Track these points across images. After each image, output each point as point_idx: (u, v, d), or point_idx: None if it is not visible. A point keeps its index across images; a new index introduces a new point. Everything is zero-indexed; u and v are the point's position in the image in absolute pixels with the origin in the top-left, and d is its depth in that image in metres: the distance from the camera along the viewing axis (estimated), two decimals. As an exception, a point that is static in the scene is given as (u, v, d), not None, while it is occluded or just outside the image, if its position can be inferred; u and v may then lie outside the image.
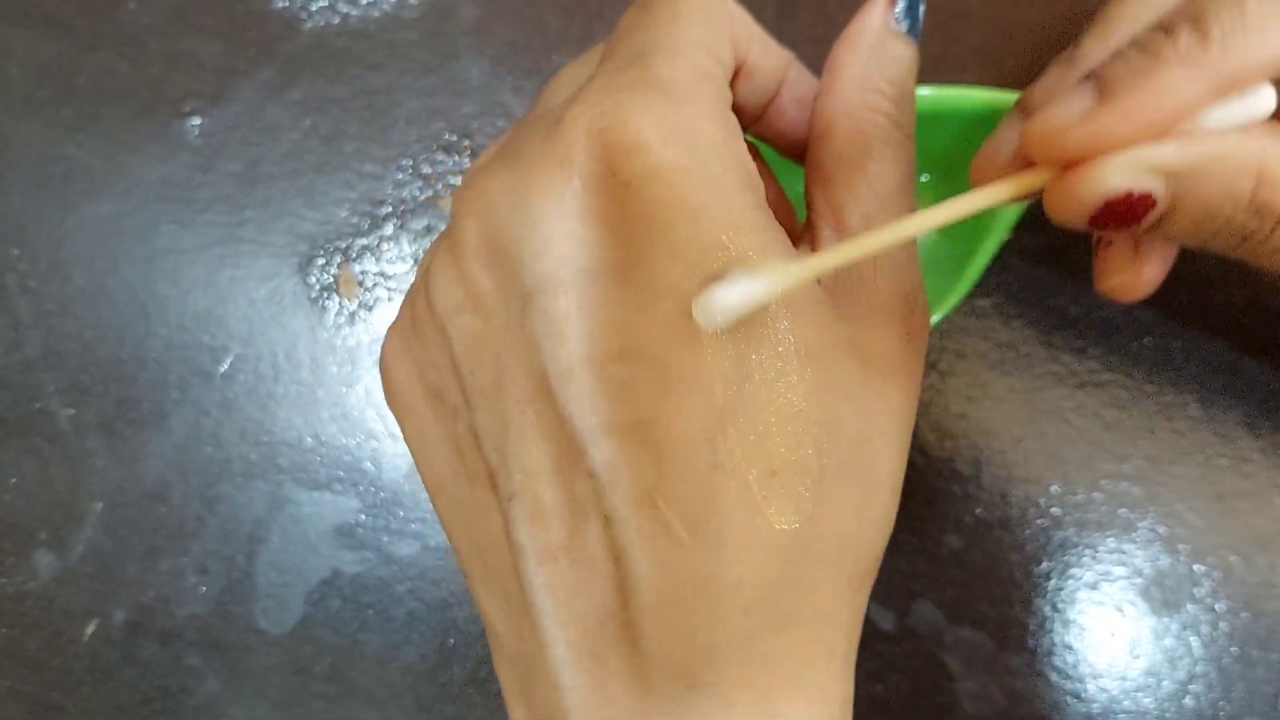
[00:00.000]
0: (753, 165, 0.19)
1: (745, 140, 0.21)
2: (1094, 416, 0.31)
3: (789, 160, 0.24)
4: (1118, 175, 0.17)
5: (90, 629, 0.33)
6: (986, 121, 0.28)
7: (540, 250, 0.18)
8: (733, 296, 0.17)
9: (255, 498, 0.33)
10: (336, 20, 0.32)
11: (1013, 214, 0.27)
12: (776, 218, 0.21)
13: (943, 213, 0.19)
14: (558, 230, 0.18)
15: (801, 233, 0.22)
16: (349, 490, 0.33)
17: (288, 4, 0.32)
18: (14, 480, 0.33)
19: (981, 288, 0.31)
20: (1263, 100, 0.17)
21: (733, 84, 0.22)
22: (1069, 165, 0.18)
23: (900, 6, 0.23)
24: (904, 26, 0.23)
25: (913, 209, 0.21)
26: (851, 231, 0.21)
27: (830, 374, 0.19)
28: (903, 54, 0.22)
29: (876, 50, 0.22)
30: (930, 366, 0.31)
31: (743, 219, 0.18)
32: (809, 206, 0.22)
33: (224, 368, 0.32)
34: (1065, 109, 0.18)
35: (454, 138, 0.32)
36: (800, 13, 0.31)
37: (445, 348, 0.20)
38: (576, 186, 0.18)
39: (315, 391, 0.32)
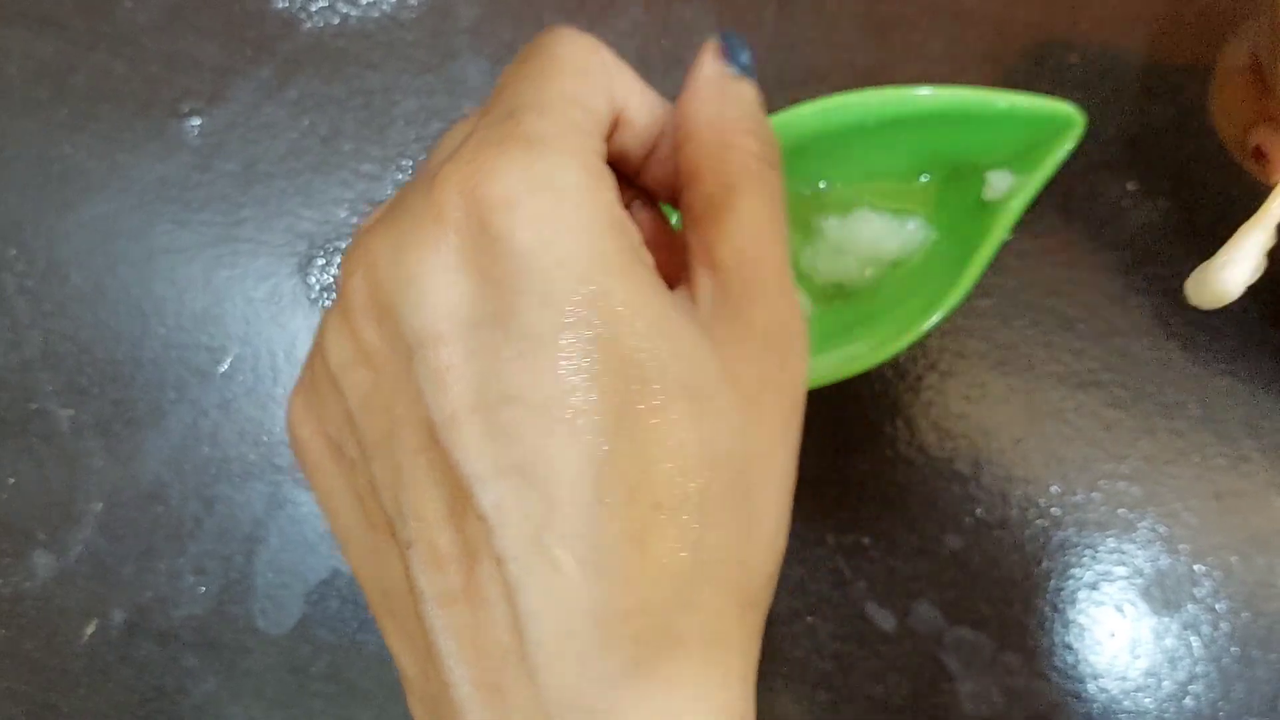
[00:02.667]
0: (622, 212, 0.21)
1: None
2: (1093, 417, 0.31)
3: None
4: None
5: (88, 629, 0.33)
6: (985, 121, 0.28)
7: (420, 304, 0.19)
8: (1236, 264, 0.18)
9: (254, 498, 0.32)
10: (336, 20, 0.32)
11: (1012, 216, 0.27)
12: (663, 257, 0.23)
13: None
14: (436, 284, 0.19)
15: (682, 275, 0.23)
16: (348, 491, 0.32)
17: (287, 4, 0.32)
18: (11, 480, 0.33)
19: (981, 288, 0.31)
20: None
21: (612, 134, 0.24)
22: None
23: (729, 54, 0.24)
24: (738, 70, 0.24)
25: (785, 236, 0.23)
26: (725, 269, 0.22)
27: (709, 406, 0.20)
28: (745, 93, 0.24)
29: (720, 94, 0.24)
30: (930, 367, 0.31)
31: (611, 263, 0.19)
32: (686, 250, 0.23)
33: (222, 368, 0.32)
34: None
35: (453, 137, 0.32)
36: (799, 13, 0.31)
37: (341, 403, 0.21)
38: (452, 241, 0.19)
39: (314, 392, 0.32)
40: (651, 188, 0.27)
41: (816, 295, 0.30)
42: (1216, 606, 0.31)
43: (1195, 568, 0.31)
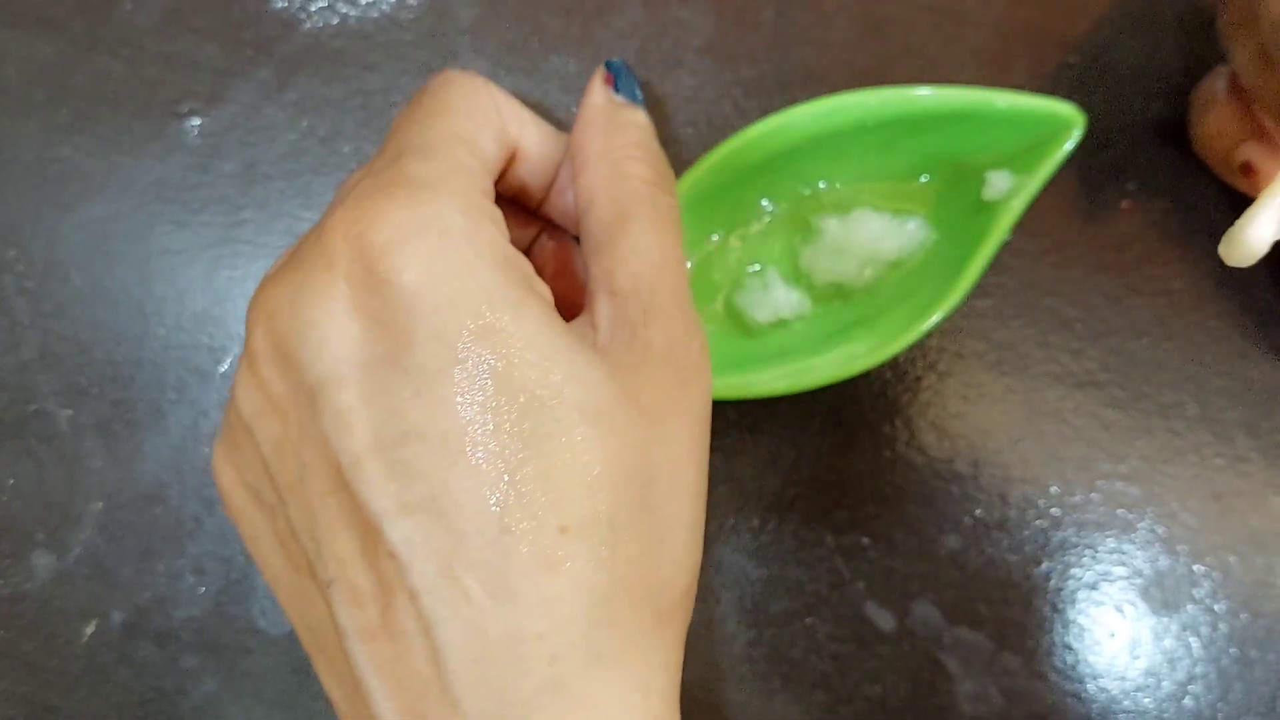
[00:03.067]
0: (508, 247, 0.21)
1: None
2: (1092, 417, 0.31)
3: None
4: None
5: (87, 630, 0.33)
6: (985, 121, 0.28)
7: (318, 349, 0.20)
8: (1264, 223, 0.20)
9: (253, 499, 0.32)
10: (335, 21, 0.32)
11: (1012, 216, 0.27)
12: (571, 285, 0.26)
13: None
14: (331, 330, 0.20)
15: (585, 301, 0.24)
16: (347, 491, 0.32)
17: (286, 4, 0.32)
18: (11, 481, 0.33)
19: (980, 289, 0.31)
20: None
21: (509, 169, 0.25)
22: None
23: (616, 84, 0.26)
24: (626, 99, 0.26)
25: (680, 258, 0.24)
26: (622, 294, 0.23)
27: (609, 427, 0.20)
28: (636, 120, 0.25)
29: (611, 123, 0.25)
30: (929, 367, 0.31)
31: (496, 296, 0.20)
32: (586, 277, 0.24)
33: (222, 368, 0.32)
34: None
35: (452, 138, 0.32)
36: (798, 14, 0.31)
37: (256, 451, 0.22)
38: (342, 288, 0.20)
39: (313, 392, 0.32)
40: (556, 218, 0.28)
41: (815, 295, 0.30)
42: (1215, 607, 0.31)
43: (1194, 568, 0.31)
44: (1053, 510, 0.31)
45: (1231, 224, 0.30)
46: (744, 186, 0.30)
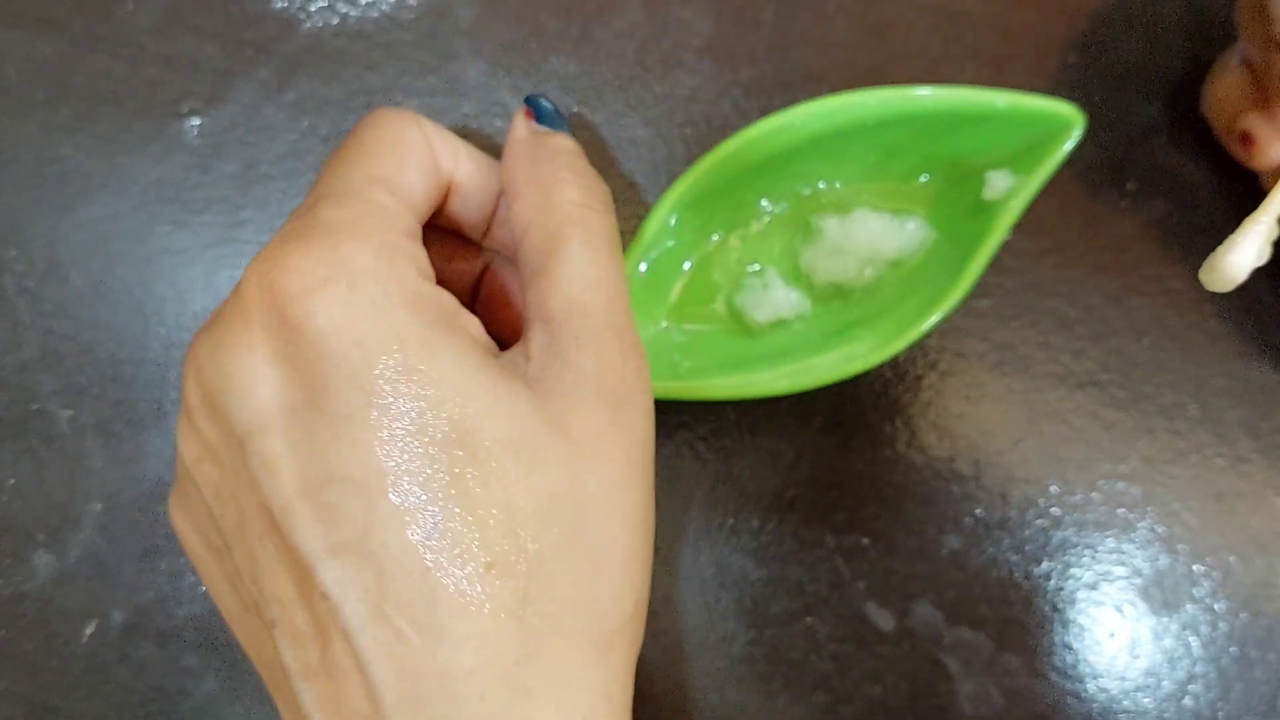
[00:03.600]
0: (425, 285, 0.22)
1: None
2: (1092, 417, 0.31)
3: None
4: None
5: (88, 630, 0.33)
6: (985, 121, 0.28)
7: (241, 399, 0.20)
8: (1243, 250, 0.21)
9: (253, 499, 0.32)
10: (335, 21, 0.32)
11: (1012, 216, 0.27)
12: (511, 316, 0.26)
13: None
14: (253, 379, 0.20)
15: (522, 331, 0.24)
16: (347, 491, 0.32)
17: (286, 4, 0.32)
18: (11, 481, 0.33)
19: (980, 289, 0.31)
20: None
21: (447, 202, 0.26)
22: None
23: (537, 115, 0.26)
24: (549, 127, 0.26)
25: (617, 277, 0.24)
26: (555, 320, 0.23)
27: (535, 459, 0.21)
28: (561, 145, 0.25)
29: (537, 151, 0.25)
30: (930, 367, 0.31)
31: (408, 336, 0.20)
32: (524, 306, 0.24)
33: (222, 369, 0.32)
34: None
35: (452, 138, 0.32)
36: (798, 14, 0.31)
37: (200, 498, 0.22)
38: (259, 337, 0.21)
39: (313, 392, 0.32)
40: (500, 250, 0.28)
41: (815, 295, 0.31)
42: (1215, 607, 0.31)
43: (1194, 568, 0.31)
44: (1053, 510, 0.31)
45: (1231, 225, 0.30)
46: (744, 186, 0.30)
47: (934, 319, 0.28)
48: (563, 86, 0.32)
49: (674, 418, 0.32)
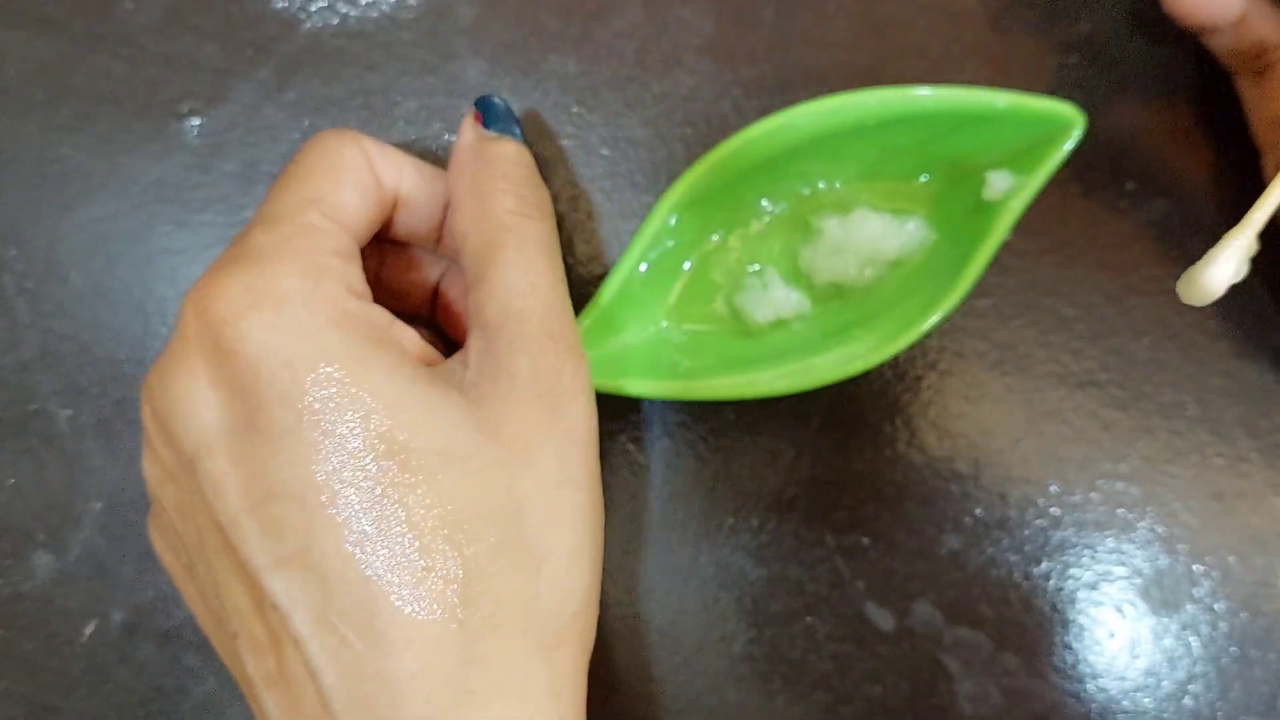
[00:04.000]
0: (350, 301, 0.22)
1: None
2: (1092, 417, 0.31)
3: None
4: None
5: (88, 630, 0.33)
6: (985, 121, 0.28)
7: (187, 421, 0.21)
8: (1221, 266, 0.21)
9: (253, 499, 0.32)
10: (335, 21, 0.32)
11: (1012, 216, 0.27)
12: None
13: None
14: (195, 402, 0.21)
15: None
16: (347, 491, 0.32)
17: (286, 4, 0.32)
18: (11, 481, 0.33)
19: (980, 289, 0.31)
20: None
21: (395, 215, 0.27)
22: None
23: (485, 120, 0.27)
24: (497, 131, 0.26)
25: (553, 281, 0.25)
26: (491, 326, 0.23)
27: (468, 467, 0.21)
28: (505, 152, 0.26)
29: (480, 159, 0.26)
30: (929, 366, 0.31)
31: (336, 353, 0.21)
32: (465, 315, 0.25)
33: (221, 368, 0.32)
34: None
35: (452, 138, 0.32)
36: (798, 14, 0.31)
37: (165, 516, 0.24)
38: (196, 361, 0.21)
39: (313, 392, 0.32)
40: (451, 258, 0.29)
41: (815, 295, 0.31)
42: (1215, 606, 0.31)
43: (1194, 568, 0.31)
44: (1053, 510, 0.31)
45: (1229, 225, 0.30)
46: (744, 186, 0.30)
47: (934, 319, 0.28)
48: (562, 86, 0.32)
49: (674, 417, 0.32)
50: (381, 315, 0.23)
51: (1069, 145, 0.27)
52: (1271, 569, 0.31)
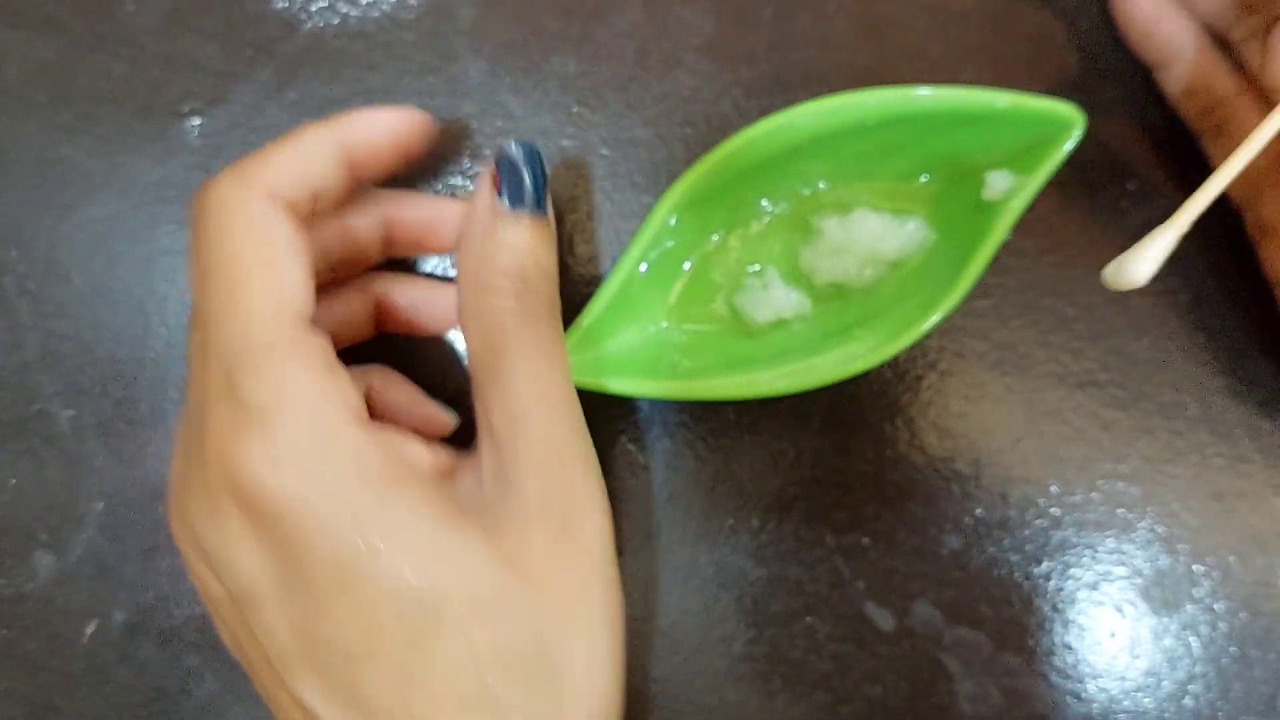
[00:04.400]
0: (361, 439, 0.22)
1: None
2: (1092, 417, 0.31)
3: None
4: None
5: (89, 630, 0.33)
6: (985, 121, 0.28)
7: (231, 566, 0.22)
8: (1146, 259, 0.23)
9: (254, 499, 0.33)
10: (335, 21, 0.32)
11: (1012, 216, 0.27)
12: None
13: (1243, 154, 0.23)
14: (235, 555, 0.22)
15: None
16: (348, 491, 0.33)
17: (286, 5, 0.32)
18: (13, 481, 0.33)
19: (980, 288, 0.31)
20: None
21: (393, 231, 0.28)
22: None
23: (504, 187, 0.25)
24: (509, 204, 0.24)
25: (561, 392, 0.24)
26: (499, 436, 0.24)
27: (496, 609, 0.22)
28: (516, 240, 0.24)
29: (486, 239, 0.24)
30: (930, 366, 0.31)
31: (363, 509, 0.22)
32: (475, 410, 0.25)
33: (222, 369, 0.32)
34: None
35: (453, 137, 0.32)
36: (797, 13, 0.31)
37: (225, 627, 0.25)
38: (235, 525, 0.22)
39: (314, 392, 0.32)
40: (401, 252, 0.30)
41: (815, 295, 0.31)
42: (1215, 606, 0.31)
43: (1194, 568, 0.31)
44: (1053, 510, 0.31)
45: (1228, 224, 0.30)
46: (744, 186, 0.30)
47: (934, 319, 0.28)
48: (562, 86, 0.32)
49: (674, 417, 0.32)
50: (390, 440, 0.23)
51: (1069, 145, 0.27)
52: (1271, 569, 0.31)
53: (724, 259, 0.31)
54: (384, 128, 0.26)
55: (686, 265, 0.31)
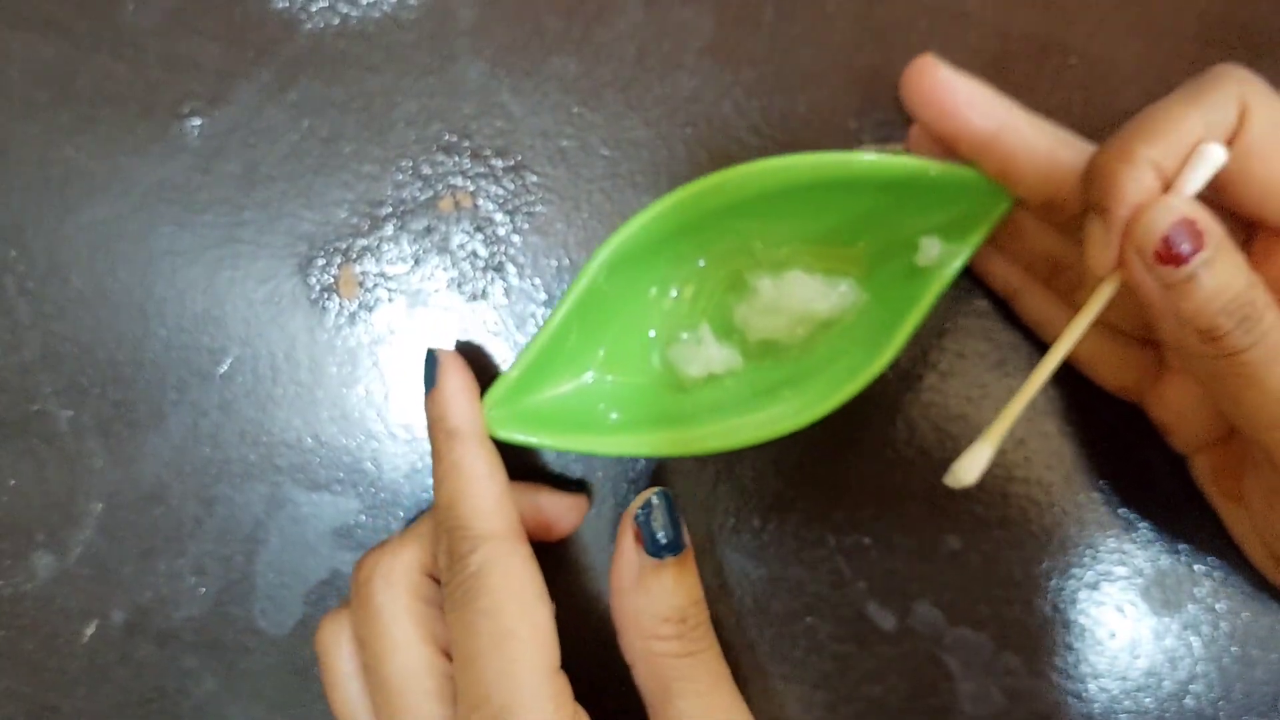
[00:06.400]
0: None
1: None
2: (1094, 417, 0.31)
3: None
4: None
5: (88, 630, 0.33)
6: (917, 187, 0.28)
7: None
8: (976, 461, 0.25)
9: (254, 498, 0.32)
10: (336, 22, 0.32)
11: (942, 284, 0.28)
12: None
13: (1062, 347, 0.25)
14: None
15: None
16: (348, 491, 0.32)
17: (287, 6, 0.32)
18: (12, 482, 0.33)
19: (980, 289, 0.31)
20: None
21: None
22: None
23: (646, 540, 0.27)
24: (655, 553, 0.26)
25: (733, 694, 0.26)
26: None
27: None
28: (666, 586, 0.26)
29: (640, 593, 0.26)
30: (931, 367, 0.31)
31: None
32: None
33: (222, 369, 0.32)
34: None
35: (453, 139, 0.32)
36: (797, 13, 0.32)
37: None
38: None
39: (314, 392, 0.32)
40: None
41: (748, 352, 0.31)
42: (1216, 606, 0.31)
43: (1195, 568, 0.31)
44: (1054, 510, 0.31)
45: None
46: (680, 242, 0.29)
47: (859, 385, 0.28)
48: (563, 87, 0.32)
49: (674, 418, 0.32)
50: None
51: (998, 217, 0.27)
52: (1273, 569, 0.31)
53: (658, 313, 0.31)
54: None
55: (620, 318, 0.30)
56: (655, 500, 0.27)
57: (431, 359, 0.28)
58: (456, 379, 0.28)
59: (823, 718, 0.32)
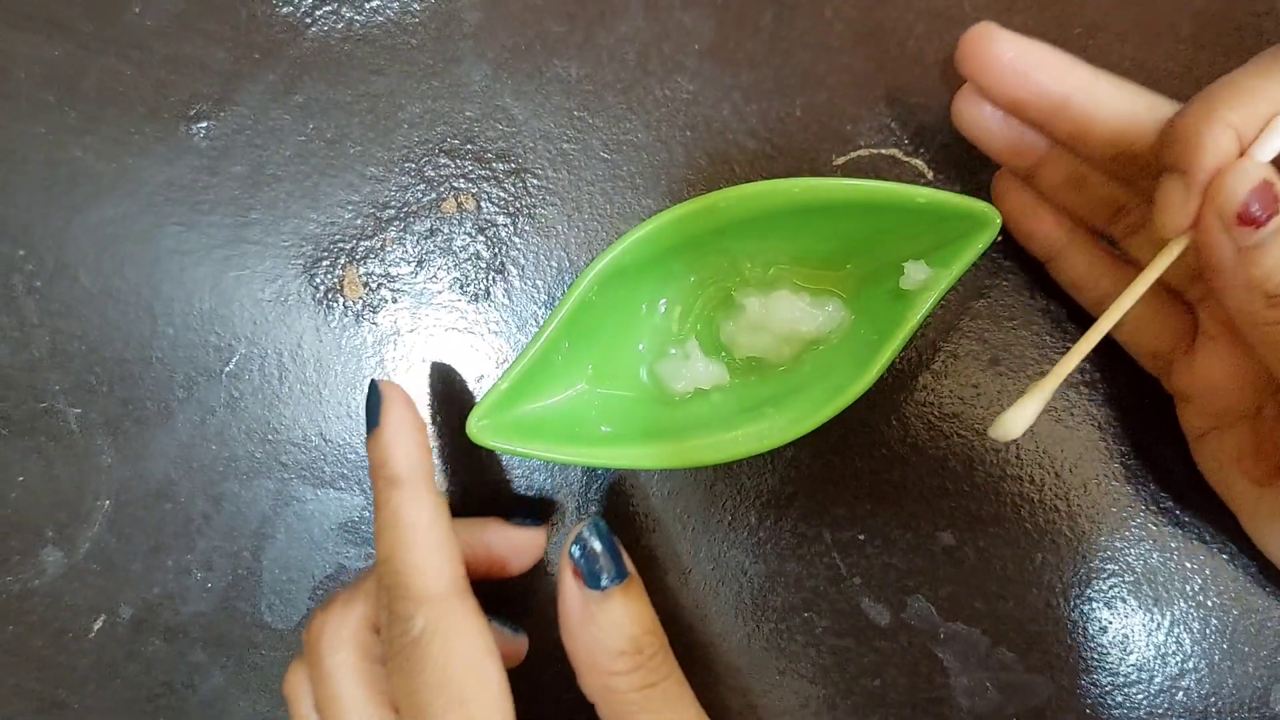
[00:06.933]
0: None
1: None
2: (1086, 415, 0.32)
3: None
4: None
5: (96, 626, 0.33)
6: (903, 213, 0.28)
7: None
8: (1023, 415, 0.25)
9: (261, 495, 0.33)
10: (340, 25, 0.33)
11: (925, 308, 0.28)
12: None
13: (1130, 295, 0.25)
14: None
15: None
16: (354, 487, 0.33)
17: (292, 9, 0.33)
18: (21, 479, 0.33)
19: (976, 290, 0.32)
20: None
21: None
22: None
23: (585, 574, 0.27)
24: (597, 586, 0.26)
25: (697, 713, 0.27)
26: None
27: None
28: (615, 618, 0.26)
29: (586, 622, 0.27)
30: (924, 367, 0.32)
31: None
32: None
33: (229, 367, 0.33)
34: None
35: (456, 141, 0.32)
36: (797, 18, 0.32)
37: None
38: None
39: (320, 390, 0.33)
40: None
41: (735, 369, 0.31)
42: (1207, 602, 0.31)
43: (1186, 564, 0.31)
44: (1046, 507, 0.32)
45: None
46: (671, 260, 0.30)
47: (840, 404, 0.29)
48: (564, 90, 0.32)
49: (674, 416, 0.32)
50: None
51: (984, 243, 0.28)
52: (1262, 565, 0.31)
53: (648, 328, 0.31)
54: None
55: (610, 333, 0.31)
56: (586, 533, 0.27)
57: (375, 393, 0.27)
58: (399, 416, 0.26)
59: (819, 711, 0.32)
